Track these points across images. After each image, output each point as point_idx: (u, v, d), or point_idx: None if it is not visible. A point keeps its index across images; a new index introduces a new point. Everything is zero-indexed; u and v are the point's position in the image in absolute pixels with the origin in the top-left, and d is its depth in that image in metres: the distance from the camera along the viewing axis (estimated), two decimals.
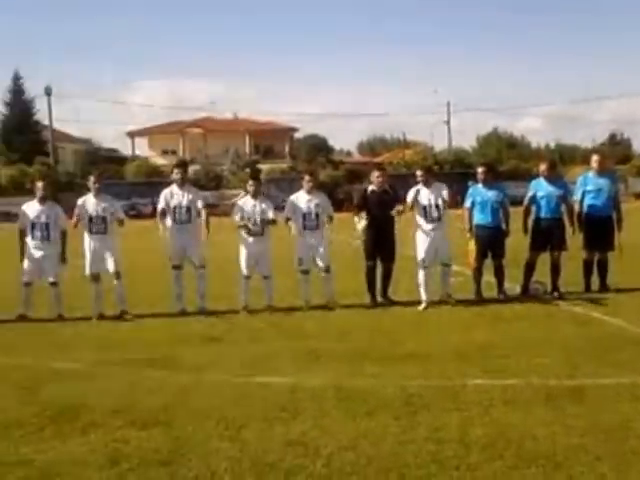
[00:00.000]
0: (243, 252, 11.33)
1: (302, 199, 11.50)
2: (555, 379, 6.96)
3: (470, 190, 11.88)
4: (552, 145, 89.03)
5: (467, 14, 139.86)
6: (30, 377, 7.62)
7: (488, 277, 11.90)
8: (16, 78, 68.65)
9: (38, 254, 10.97)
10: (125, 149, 77.33)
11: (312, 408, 6.35)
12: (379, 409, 6.27)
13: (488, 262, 11.78)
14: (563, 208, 11.89)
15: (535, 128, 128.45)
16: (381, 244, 11.54)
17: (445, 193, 11.38)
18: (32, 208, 11.09)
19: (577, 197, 12.08)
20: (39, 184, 11.26)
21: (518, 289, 11.98)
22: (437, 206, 11.33)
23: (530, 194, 11.95)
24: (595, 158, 12.30)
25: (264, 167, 65.20)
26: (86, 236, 11.02)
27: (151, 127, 78.63)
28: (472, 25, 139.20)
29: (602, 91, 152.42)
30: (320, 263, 11.40)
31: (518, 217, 11.95)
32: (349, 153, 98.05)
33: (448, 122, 75.93)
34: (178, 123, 75.85)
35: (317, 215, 11.41)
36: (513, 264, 12.12)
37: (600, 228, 11.92)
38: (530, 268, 11.87)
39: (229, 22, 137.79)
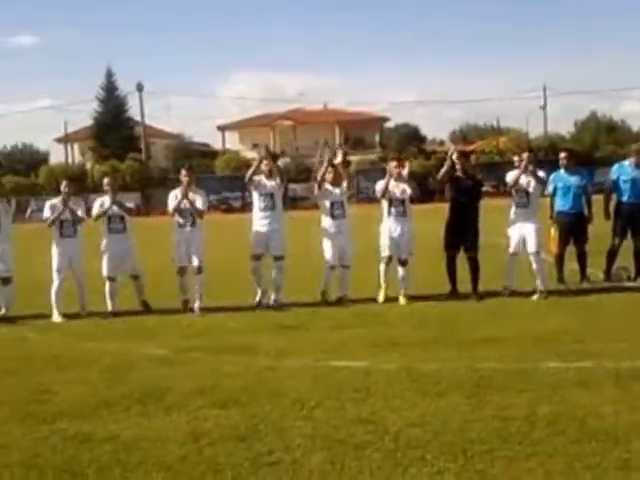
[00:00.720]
0: (327, 243, 11.44)
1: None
2: (628, 361, 7.03)
3: (552, 176, 11.87)
4: None
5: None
6: (118, 362, 8.08)
7: (571, 264, 11.88)
8: (109, 75, 69.58)
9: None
10: (216, 143, 78.47)
11: (384, 389, 6.58)
12: (449, 390, 6.47)
13: (571, 248, 11.77)
14: None
15: (638, 112, 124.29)
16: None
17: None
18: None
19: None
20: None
21: (602, 275, 11.93)
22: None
23: (612, 178, 11.88)
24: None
25: (354, 158, 65.44)
26: (175, 228, 11.29)
27: (241, 120, 79.52)
28: (569, 5, 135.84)
29: None
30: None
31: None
32: (441, 142, 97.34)
33: (544, 107, 74.77)
34: (268, 116, 76.52)
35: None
36: (597, 251, 12.09)
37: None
38: (613, 254, 11.81)
39: (320, 14, 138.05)
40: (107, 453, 5.34)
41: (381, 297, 11.27)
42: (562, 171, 11.85)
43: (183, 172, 11.41)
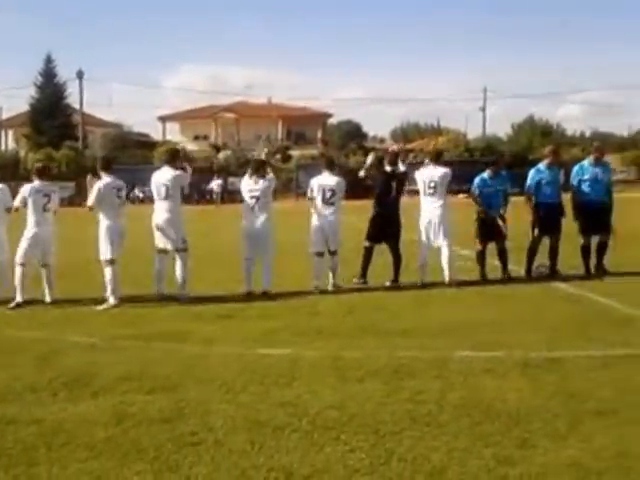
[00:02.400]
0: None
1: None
2: (537, 351, 7.45)
3: (477, 180, 12.53)
4: (587, 133, 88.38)
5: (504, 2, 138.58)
6: (47, 349, 8.23)
7: (493, 260, 12.44)
8: (48, 61, 66.90)
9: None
10: (157, 134, 77.82)
11: (307, 375, 6.90)
12: (369, 376, 6.82)
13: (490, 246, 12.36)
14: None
15: (574, 115, 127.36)
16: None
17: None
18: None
19: (574, 185, 12.56)
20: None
21: (522, 272, 12.46)
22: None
23: (529, 182, 12.49)
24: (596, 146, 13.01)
25: (295, 153, 65.83)
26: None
27: (183, 112, 79.00)
28: (513, 11, 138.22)
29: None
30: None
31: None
32: (382, 140, 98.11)
33: (484, 109, 76.09)
34: (211, 108, 76.20)
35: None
36: (518, 248, 12.64)
37: (596, 214, 12.34)
38: (533, 251, 12.35)
39: (270, 7, 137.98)
40: (32, 435, 5.54)
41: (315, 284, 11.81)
42: (485, 175, 12.44)
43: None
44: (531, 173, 12.57)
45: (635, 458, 4.75)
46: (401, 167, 12.21)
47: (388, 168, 12.13)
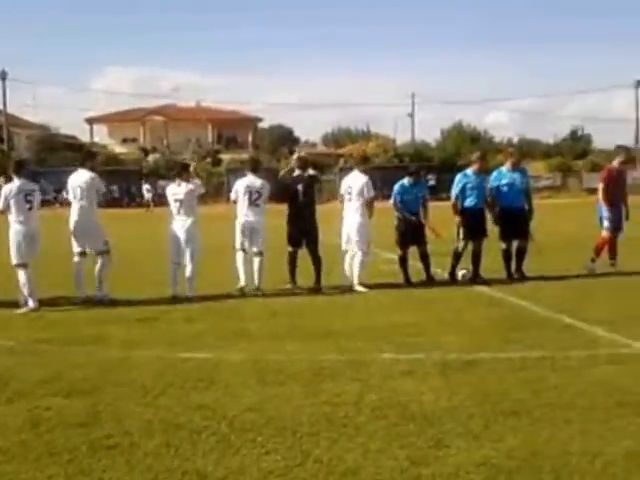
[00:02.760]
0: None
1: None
2: (455, 353, 7.56)
3: (396, 187, 12.71)
4: (515, 140, 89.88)
5: (434, 8, 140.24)
6: None
7: (414, 262, 12.66)
8: None
9: None
10: (85, 136, 76.57)
11: (228, 379, 6.88)
12: (289, 379, 6.83)
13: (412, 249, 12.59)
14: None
15: (503, 122, 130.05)
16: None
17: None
18: None
19: (492, 191, 12.79)
20: None
21: (446, 275, 12.64)
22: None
23: (457, 187, 12.67)
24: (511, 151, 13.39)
25: (225, 157, 65.66)
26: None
27: (111, 114, 77.91)
28: (443, 18, 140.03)
29: (568, 87, 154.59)
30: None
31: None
32: (314, 144, 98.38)
33: (412, 115, 76.92)
34: (139, 111, 75.52)
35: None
36: (444, 252, 12.82)
37: (515, 219, 12.59)
38: (458, 256, 12.53)
39: (200, 9, 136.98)
40: None
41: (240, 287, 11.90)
42: (406, 182, 12.58)
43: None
44: (457, 178, 12.76)
45: (545, 457, 4.85)
46: (310, 171, 12.41)
47: (297, 172, 12.33)
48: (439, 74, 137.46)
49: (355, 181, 12.35)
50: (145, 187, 55.10)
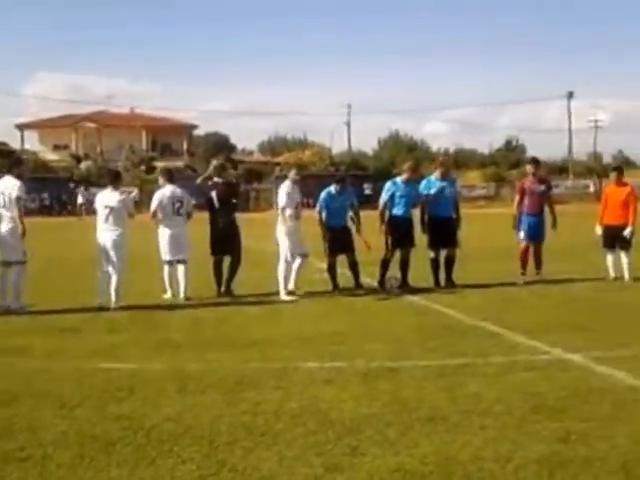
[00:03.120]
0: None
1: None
2: (378, 361, 7.61)
3: (322, 196, 12.75)
4: (451, 149, 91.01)
5: (371, 19, 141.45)
6: None
7: (343, 270, 12.77)
8: None
9: None
10: (15, 143, 75.11)
11: (148, 389, 6.81)
12: (210, 388, 6.79)
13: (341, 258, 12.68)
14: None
15: (440, 132, 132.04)
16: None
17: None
18: None
19: (422, 199, 12.94)
20: None
21: (375, 284, 12.72)
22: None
23: (385, 196, 12.76)
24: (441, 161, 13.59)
25: (159, 164, 65.03)
26: None
27: (43, 120, 76.71)
28: (382, 29, 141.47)
29: (504, 98, 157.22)
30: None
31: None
32: (251, 152, 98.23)
33: (348, 124, 77.53)
34: (71, 117, 74.45)
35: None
36: (372, 261, 12.91)
37: (444, 228, 12.74)
38: (386, 264, 12.62)
39: (133, 16, 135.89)
40: None
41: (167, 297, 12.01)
42: (332, 190, 12.67)
43: None
44: (387, 186, 12.87)
45: (458, 462, 4.90)
46: (228, 179, 12.59)
47: (215, 179, 12.40)
48: (377, 84, 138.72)
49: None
50: (80, 194, 54.31)
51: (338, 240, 12.54)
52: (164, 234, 12.10)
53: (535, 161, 13.86)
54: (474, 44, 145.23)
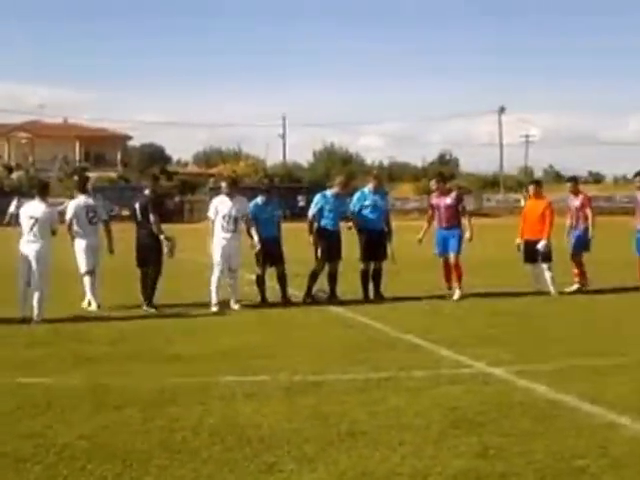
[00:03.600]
0: None
1: None
2: (301, 375, 7.53)
3: (251, 207, 12.68)
4: (385, 162, 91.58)
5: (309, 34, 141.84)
6: None
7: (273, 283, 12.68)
8: None
9: None
10: None
11: (64, 404, 6.62)
12: (129, 404, 6.62)
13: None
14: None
15: (375, 146, 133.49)
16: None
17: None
18: None
19: (355, 210, 12.93)
20: None
21: (302, 296, 12.69)
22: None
23: (315, 208, 12.77)
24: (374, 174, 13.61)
25: (93, 175, 64.22)
26: None
27: None
28: (316, 43, 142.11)
29: (439, 112, 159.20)
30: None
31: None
32: (186, 164, 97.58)
33: (283, 136, 77.63)
34: (3, 126, 73.09)
35: None
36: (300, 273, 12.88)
37: (375, 240, 12.74)
38: (315, 276, 12.59)
39: (68, 27, 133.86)
40: None
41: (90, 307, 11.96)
42: (259, 201, 12.64)
43: None
44: (316, 199, 12.87)
45: (374, 478, 4.86)
46: (146, 191, 12.43)
47: (146, 191, 12.45)
48: (313, 97, 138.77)
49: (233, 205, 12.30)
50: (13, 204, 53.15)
51: (268, 252, 12.46)
52: (80, 245, 12.03)
53: (439, 176, 13.93)
54: (408, 58, 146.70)
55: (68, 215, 11.98)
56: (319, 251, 12.56)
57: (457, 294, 12.78)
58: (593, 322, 10.73)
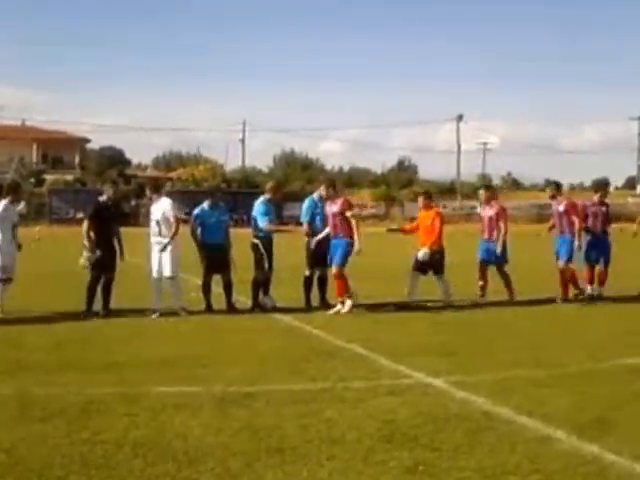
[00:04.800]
0: None
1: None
2: (236, 386, 7.34)
3: (197, 212, 12.58)
4: (346, 168, 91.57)
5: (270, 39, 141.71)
6: None
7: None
8: None
9: None
10: None
11: None
12: (54, 415, 6.39)
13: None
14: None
15: (335, 151, 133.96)
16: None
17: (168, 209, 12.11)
18: None
19: (306, 219, 12.75)
20: None
21: (249, 303, 12.48)
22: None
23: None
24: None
25: (50, 177, 63.56)
26: None
27: None
28: (275, 51, 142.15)
29: (400, 118, 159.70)
30: None
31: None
32: (146, 167, 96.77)
33: (243, 140, 77.54)
34: None
35: None
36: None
37: (322, 247, 12.49)
38: (259, 284, 12.38)
39: (30, 27, 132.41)
40: None
41: None
42: (205, 206, 12.51)
43: None
44: (258, 206, 12.63)
45: None
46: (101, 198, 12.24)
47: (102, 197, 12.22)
48: (275, 101, 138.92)
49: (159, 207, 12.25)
50: None
51: (215, 258, 12.26)
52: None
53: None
54: (369, 65, 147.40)
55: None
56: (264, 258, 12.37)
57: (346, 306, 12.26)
58: (536, 331, 10.65)
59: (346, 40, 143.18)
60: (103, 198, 12.11)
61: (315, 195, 12.84)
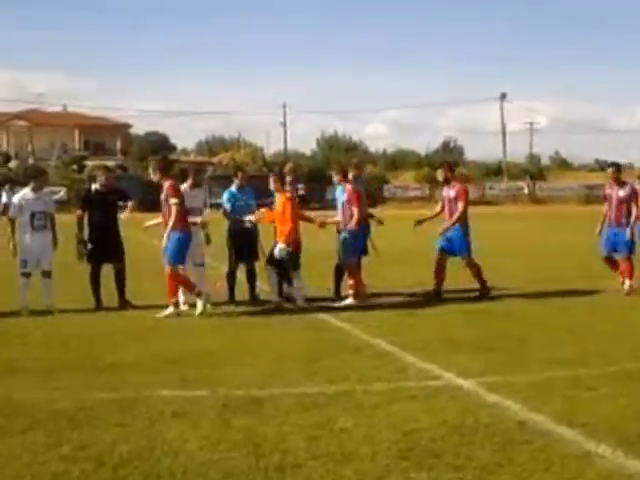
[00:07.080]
0: None
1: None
2: (244, 389, 6.67)
3: (225, 194, 11.86)
4: (389, 150, 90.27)
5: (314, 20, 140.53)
6: None
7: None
8: None
9: None
10: None
11: None
12: (36, 425, 5.77)
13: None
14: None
15: (381, 134, 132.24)
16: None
17: None
18: None
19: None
20: None
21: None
22: None
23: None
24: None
25: (90, 163, 63.56)
26: None
27: None
28: (318, 31, 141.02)
29: (444, 100, 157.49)
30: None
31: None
32: (189, 153, 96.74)
33: (284, 124, 76.71)
34: (2, 115, 72.28)
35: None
36: None
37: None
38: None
39: (69, 16, 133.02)
40: None
41: None
42: (233, 188, 11.90)
43: None
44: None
45: None
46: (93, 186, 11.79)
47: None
48: (317, 84, 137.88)
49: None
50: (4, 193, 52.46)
51: (243, 246, 11.55)
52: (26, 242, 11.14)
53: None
54: (415, 45, 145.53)
55: (12, 211, 11.21)
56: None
57: None
58: (581, 326, 9.61)
59: (393, 19, 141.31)
60: (95, 186, 11.54)
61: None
